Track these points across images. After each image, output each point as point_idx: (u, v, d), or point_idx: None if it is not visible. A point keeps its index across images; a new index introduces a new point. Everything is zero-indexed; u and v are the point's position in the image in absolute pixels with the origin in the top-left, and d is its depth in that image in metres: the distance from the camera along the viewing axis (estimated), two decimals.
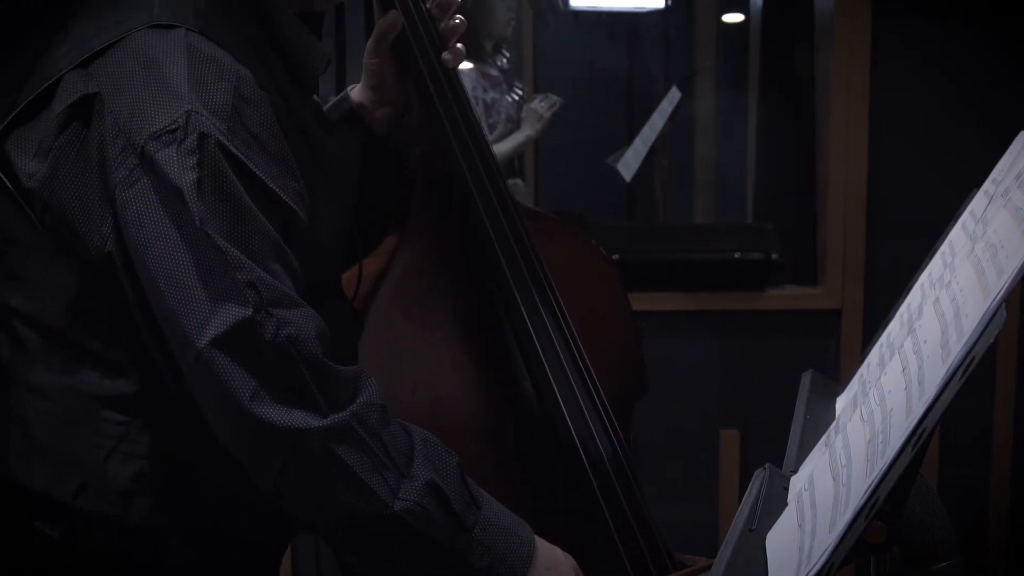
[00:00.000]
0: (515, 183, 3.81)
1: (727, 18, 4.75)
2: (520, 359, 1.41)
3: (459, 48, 1.38)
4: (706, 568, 1.46)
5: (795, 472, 0.97)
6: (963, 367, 0.71)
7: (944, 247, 0.99)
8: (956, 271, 0.86)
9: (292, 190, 1.11)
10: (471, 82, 3.49)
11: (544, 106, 3.65)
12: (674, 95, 3.96)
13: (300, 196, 1.12)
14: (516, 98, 3.75)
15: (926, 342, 0.80)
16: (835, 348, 2.82)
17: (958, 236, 0.97)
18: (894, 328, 1.00)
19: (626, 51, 4.81)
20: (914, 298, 0.99)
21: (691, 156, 4.86)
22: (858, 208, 2.79)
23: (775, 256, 2.78)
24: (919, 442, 0.71)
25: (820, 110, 2.89)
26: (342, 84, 1.61)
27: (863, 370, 1.02)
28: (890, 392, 0.81)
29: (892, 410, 0.78)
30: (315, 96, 1.29)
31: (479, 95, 3.54)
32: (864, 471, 0.76)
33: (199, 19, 1.09)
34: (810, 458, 0.97)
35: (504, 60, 3.73)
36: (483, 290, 1.43)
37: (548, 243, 1.47)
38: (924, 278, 1.00)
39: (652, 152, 4.03)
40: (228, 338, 1.02)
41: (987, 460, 2.83)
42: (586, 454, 1.40)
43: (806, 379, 1.13)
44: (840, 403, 1.07)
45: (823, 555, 0.73)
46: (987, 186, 0.99)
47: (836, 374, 2.72)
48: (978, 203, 0.98)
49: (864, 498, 0.72)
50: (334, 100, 1.43)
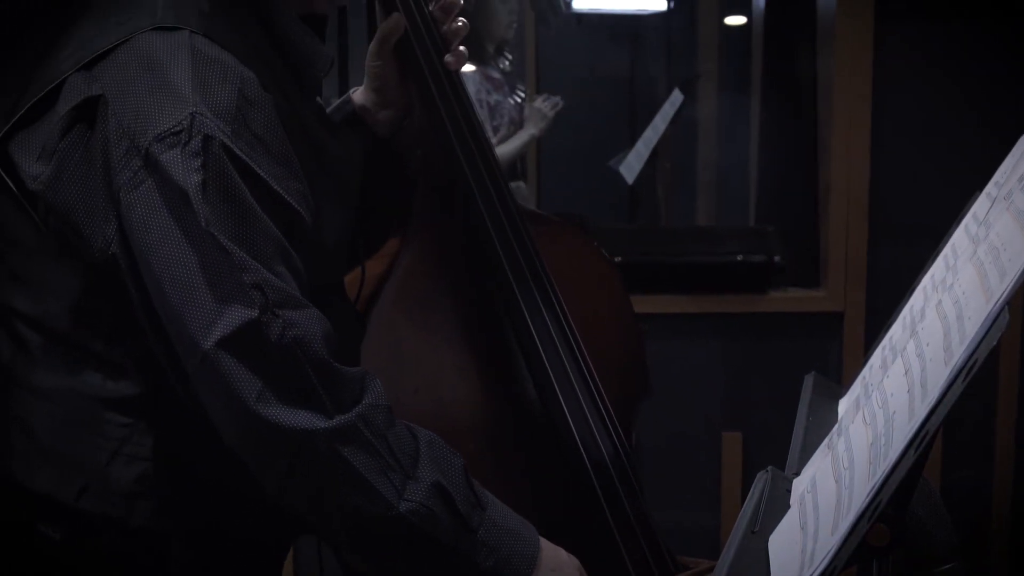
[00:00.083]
0: (518, 186, 3.80)
1: (729, 20, 4.75)
2: (522, 361, 1.41)
3: (462, 51, 1.38)
4: (708, 570, 1.46)
5: (797, 474, 0.97)
6: (966, 370, 0.71)
7: (947, 250, 0.99)
8: (959, 274, 0.86)
9: (296, 191, 1.11)
10: (474, 85, 3.49)
11: (548, 105, 3.66)
12: (676, 97, 3.96)
13: (304, 197, 1.12)
14: (518, 101, 3.75)
15: (929, 345, 0.80)
16: (837, 350, 2.81)
17: (961, 239, 0.97)
18: (896, 331, 1.00)
19: (628, 53, 4.81)
20: (917, 301, 0.99)
21: (693, 158, 4.85)
22: (860, 210, 2.78)
23: (777, 258, 2.78)
24: (922, 445, 0.71)
25: (822, 112, 2.89)
26: (344, 86, 1.61)
27: (865, 372, 1.02)
28: (892, 395, 0.81)
29: (894, 413, 0.78)
30: (318, 98, 1.29)
31: (483, 97, 3.54)
32: (866, 474, 0.76)
33: (203, 21, 1.09)
34: (812, 460, 0.97)
35: (507, 63, 3.73)
36: (485, 292, 1.43)
37: (550, 245, 1.47)
38: (927, 281, 1.00)
39: (654, 154, 4.04)
40: (234, 339, 1.02)
41: (989, 462, 2.83)
42: (588, 456, 1.40)
43: (808, 381, 1.13)
44: (842, 405, 1.07)
45: (826, 558, 0.73)
46: (990, 189, 0.99)
47: (838, 377, 2.71)
48: (980, 206, 0.98)
49: (867, 501, 0.72)
50: (337, 102, 1.43)
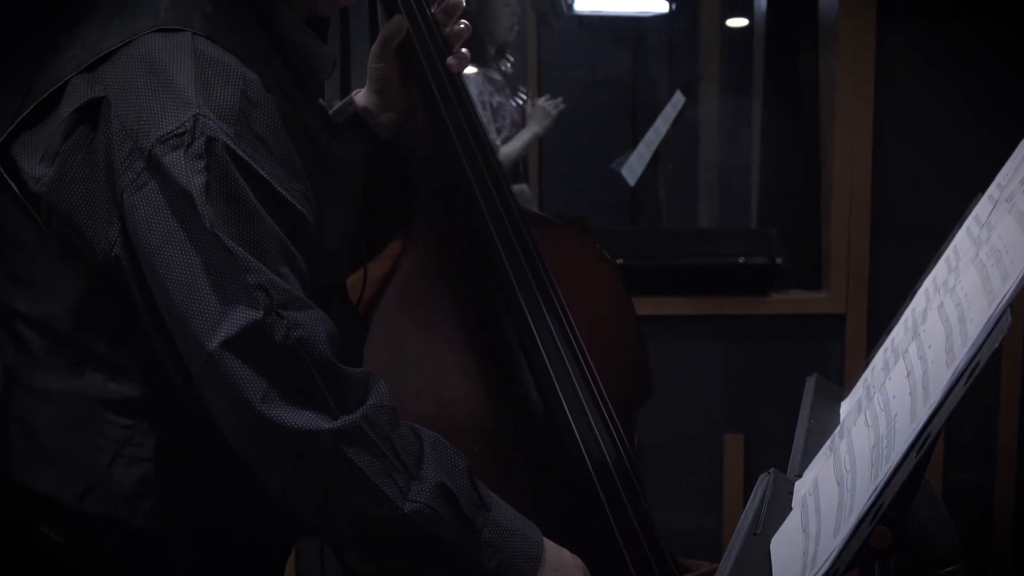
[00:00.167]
0: (520, 188, 3.81)
1: (731, 22, 4.75)
2: (524, 363, 1.41)
3: (464, 53, 1.38)
4: (710, 572, 1.46)
5: (799, 477, 0.97)
6: (968, 372, 0.71)
7: (949, 252, 0.99)
8: (961, 276, 0.86)
9: (299, 192, 1.11)
10: (477, 86, 3.49)
11: (552, 104, 3.68)
12: (678, 99, 3.96)
13: (307, 199, 1.12)
14: (520, 103, 3.75)
15: (931, 347, 0.80)
16: (839, 352, 2.81)
17: (963, 241, 0.97)
18: (898, 333, 1.00)
19: (630, 55, 4.81)
20: (919, 303, 0.99)
21: (695, 160, 4.86)
22: (862, 212, 2.78)
23: (779, 260, 2.78)
24: (923, 447, 0.71)
25: (824, 114, 2.89)
26: (347, 88, 1.61)
27: (867, 375, 1.02)
28: (894, 397, 0.81)
29: (896, 415, 0.78)
30: (320, 100, 1.29)
31: (485, 99, 3.55)
32: (868, 476, 0.76)
33: (205, 22, 1.09)
34: (814, 463, 0.97)
35: (509, 65, 3.74)
36: (487, 294, 1.43)
37: (552, 247, 1.47)
38: (929, 283, 1.00)
39: (656, 156, 4.04)
40: (239, 340, 1.02)
41: (991, 464, 2.83)
42: (590, 458, 1.40)
43: (810, 383, 1.14)
44: (844, 408, 1.07)
45: (828, 560, 0.73)
46: (992, 191, 0.99)
47: (840, 379, 2.71)
48: (983, 208, 0.98)
49: (868, 503, 0.72)
50: (339, 104, 1.43)
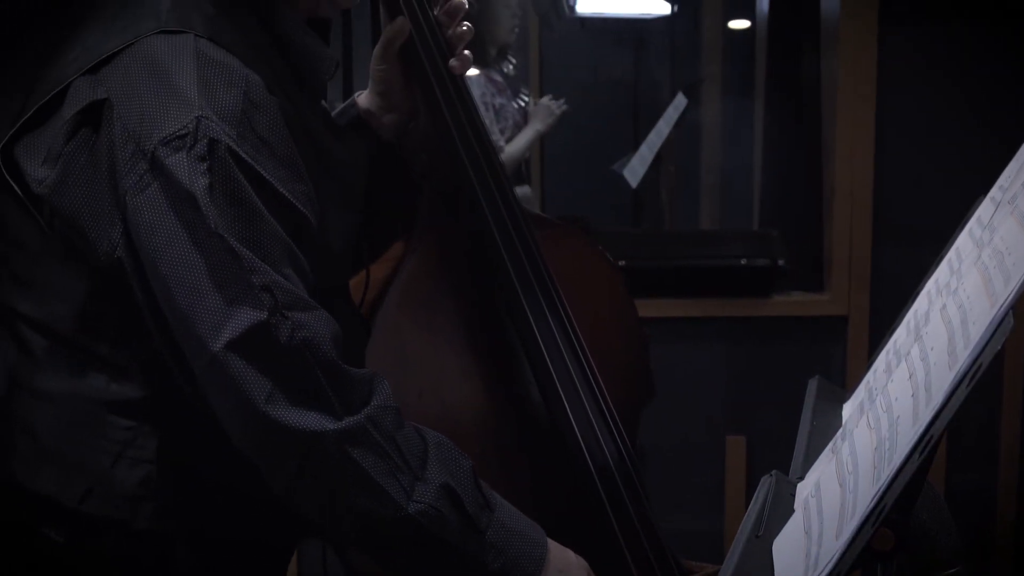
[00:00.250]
0: (523, 190, 3.81)
1: (733, 24, 4.75)
2: (526, 365, 1.41)
3: (466, 55, 1.38)
4: (712, 575, 1.46)
5: (802, 479, 0.97)
6: (970, 374, 0.70)
7: (951, 254, 0.99)
8: (963, 278, 0.86)
9: (302, 194, 1.11)
10: (479, 87, 3.49)
11: (556, 104, 3.68)
12: (680, 101, 3.96)
13: (310, 200, 1.12)
14: (522, 104, 3.75)
15: (933, 349, 0.80)
16: (841, 354, 2.81)
17: (965, 243, 0.97)
18: (901, 335, 1.00)
19: (632, 57, 4.81)
20: (921, 305, 0.99)
21: (697, 162, 4.85)
22: (864, 213, 2.78)
23: (781, 262, 2.77)
24: (926, 449, 0.71)
25: (826, 115, 2.88)
26: (349, 90, 1.61)
27: (870, 377, 1.02)
28: (897, 399, 0.81)
29: (899, 417, 0.78)
30: (323, 102, 1.29)
31: (487, 100, 3.55)
32: (871, 478, 0.76)
33: (207, 24, 1.09)
34: (817, 465, 0.97)
35: (511, 66, 3.74)
36: (489, 296, 1.43)
37: (554, 249, 1.47)
38: (931, 285, 1.00)
39: (658, 158, 4.04)
40: (243, 341, 1.02)
41: (994, 467, 2.82)
42: (592, 460, 1.40)
43: (812, 385, 1.14)
44: (847, 410, 1.07)
45: (830, 562, 0.73)
46: (994, 193, 0.99)
47: (842, 380, 2.71)
48: (985, 210, 0.98)
49: (871, 505, 0.72)
50: (341, 106, 1.43)
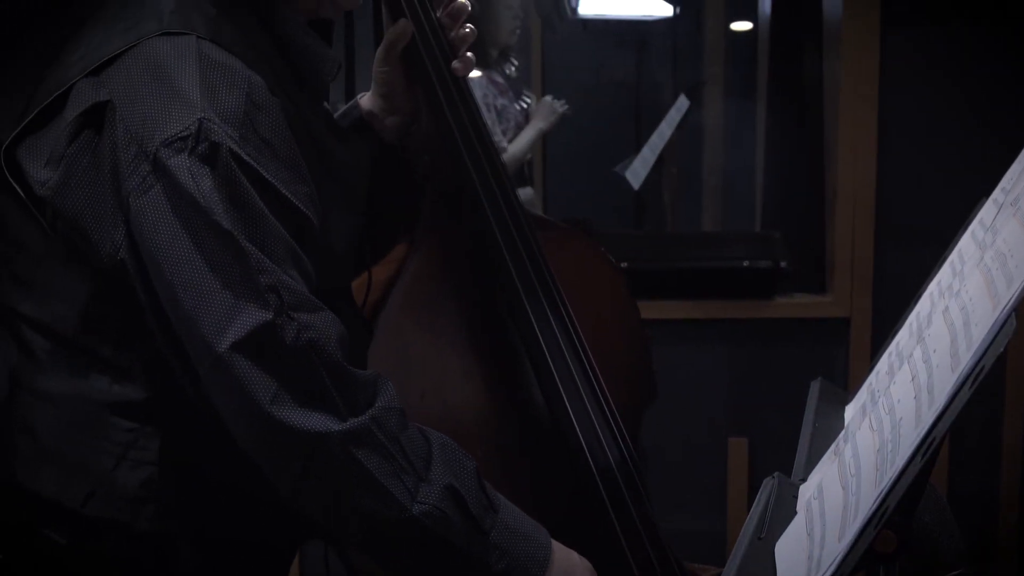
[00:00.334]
0: (525, 191, 3.81)
1: (735, 26, 4.74)
2: (529, 366, 1.41)
3: (469, 57, 1.38)
4: None
5: (804, 481, 0.97)
6: (973, 376, 0.70)
7: (953, 256, 0.99)
8: (965, 280, 0.86)
9: (304, 195, 1.11)
10: (481, 89, 3.49)
11: (559, 103, 3.69)
12: (682, 103, 3.96)
13: (312, 201, 1.12)
14: (524, 106, 3.75)
15: (935, 351, 0.80)
16: (844, 356, 2.81)
17: (967, 245, 0.97)
18: (903, 337, 1.00)
19: (634, 59, 4.81)
20: (923, 307, 0.99)
21: (699, 164, 4.85)
22: (867, 215, 2.78)
23: (783, 264, 2.77)
24: (928, 451, 0.71)
25: (828, 117, 2.88)
26: (351, 92, 1.61)
27: (872, 379, 1.02)
28: (899, 401, 0.81)
29: (901, 419, 0.78)
30: (325, 104, 1.29)
31: (489, 101, 3.55)
32: (873, 480, 0.76)
33: (209, 26, 1.09)
34: (819, 467, 0.97)
35: (512, 68, 3.74)
36: (492, 297, 1.43)
37: (557, 251, 1.47)
38: (933, 287, 1.00)
39: (660, 160, 4.04)
40: (249, 342, 1.02)
41: (996, 469, 2.82)
42: (594, 461, 1.40)
43: (815, 387, 1.13)
44: (849, 412, 1.07)
45: (832, 564, 0.73)
46: (996, 195, 0.99)
47: (845, 382, 2.71)
48: (987, 212, 0.98)
49: (873, 507, 0.72)
50: (343, 108, 1.43)
